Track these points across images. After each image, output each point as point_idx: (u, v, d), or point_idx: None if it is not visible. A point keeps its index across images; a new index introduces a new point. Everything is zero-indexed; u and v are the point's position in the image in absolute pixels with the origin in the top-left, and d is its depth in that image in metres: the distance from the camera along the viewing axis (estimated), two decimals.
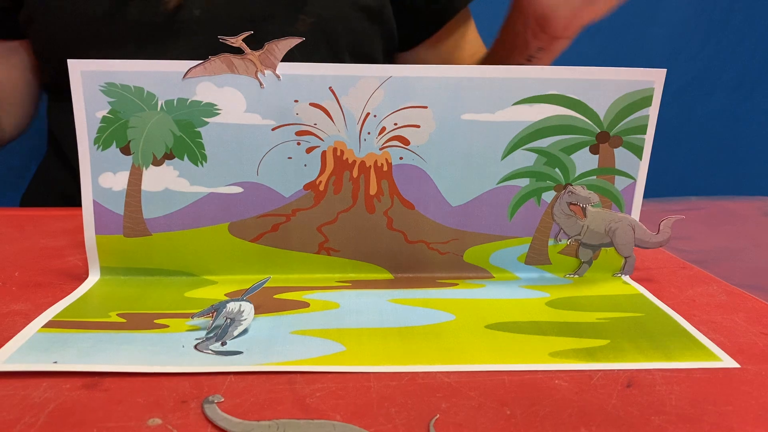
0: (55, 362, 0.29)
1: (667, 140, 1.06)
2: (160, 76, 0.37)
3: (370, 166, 0.40)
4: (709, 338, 0.33)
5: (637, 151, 0.40)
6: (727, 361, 0.31)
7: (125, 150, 0.39)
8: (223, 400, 0.26)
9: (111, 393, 0.27)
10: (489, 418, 0.26)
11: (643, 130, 0.39)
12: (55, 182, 0.71)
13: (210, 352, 0.31)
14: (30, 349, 0.30)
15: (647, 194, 0.42)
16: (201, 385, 0.28)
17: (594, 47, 1.02)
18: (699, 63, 1.07)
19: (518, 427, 0.25)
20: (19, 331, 0.33)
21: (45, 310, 0.35)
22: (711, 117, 1.08)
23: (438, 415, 0.26)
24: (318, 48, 0.61)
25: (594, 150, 0.40)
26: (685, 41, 1.07)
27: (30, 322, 0.34)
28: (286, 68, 0.37)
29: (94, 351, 0.30)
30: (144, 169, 0.39)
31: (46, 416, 0.25)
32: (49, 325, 0.33)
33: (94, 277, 0.40)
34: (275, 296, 0.38)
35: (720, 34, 1.07)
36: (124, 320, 0.34)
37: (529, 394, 0.28)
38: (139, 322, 0.34)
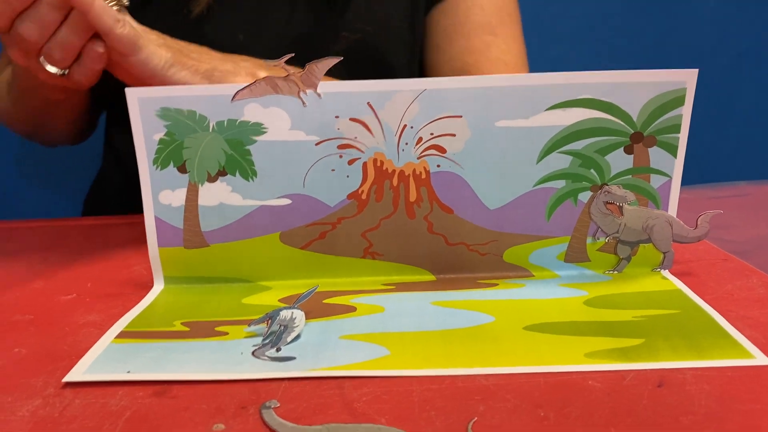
0: (129, 372, 0.32)
1: (716, 121, 1.04)
2: (210, 99, 0.40)
3: (408, 174, 0.42)
4: (744, 335, 0.34)
5: (672, 149, 0.41)
6: (761, 359, 0.32)
7: (182, 169, 0.42)
8: (278, 405, 0.29)
9: (178, 400, 0.30)
10: (523, 421, 0.27)
11: (676, 129, 0.40)
12: (114, 187, 0.76)
13: (266, 358, 0.33)
14: (105, 359, 0.34)
15: (694, 180, 0.42)
16: (258, 391, 0.31)
17: (642, 21, 1.01)
18: (748, 38, 1.04)
19: (550, 429, 0.27)
20: (94, 341, 0.36)
21: (116, 319, 0.39)
22: (762, 93, 1.05)
23: (476, 418, 0.28)
24: (361, 63, 0.63)
25: (628, 150, 0.41)
26: (735, 14, 1.04)
27: (103, 332, 0.37)
28: (326, 87, 0.40)
29: (162, 360, 0.33)
30: (200, 185, 0.42)
31: (123, 423, 0.29)
32: (121, 335, 0.36)
33: (158, 287, 0.44)
34: (324, 301, 0.41)
35: None
36: (188, 329, 0.37)
37: (563, 395, 0.29)
38: (201, 330, 0.37)
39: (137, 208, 0.43)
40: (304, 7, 0.63)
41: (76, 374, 0.32)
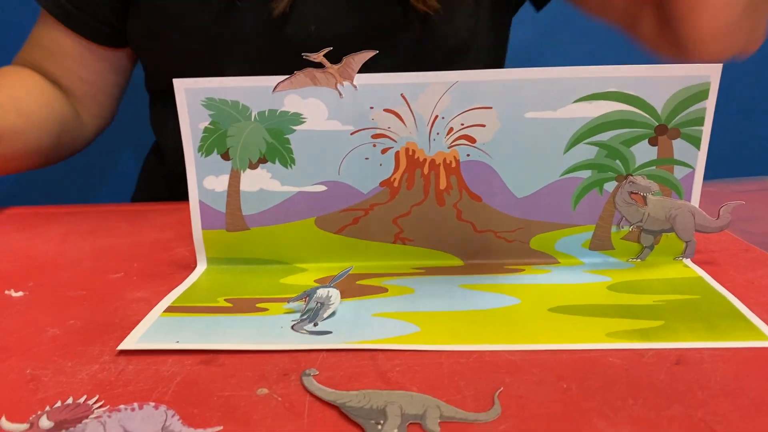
0: (177, 342, 0.35)
1: (741, 116, 1.04)
2: (252, 90, 0.42)
3: (439, 163, 0.43)
4: (761, 319, 0.35)
5: (695, 141, 0.42)
6: None
7: (225, 156, 0.44)
8: (318, 373, 0.31)
9: (224, 368, 0.33)
10: (547, 391, 0.29)
11: (700, 122, 0.41)
12: (158, 176, 0.79)
13: (304, 332, 0.36)
14: (155, 331, 0.36)
15: (719, 174, 0.44)
16: (298, 360, 0.33)
17: None
18: None
19: (573, 399, 0.29)
20: (143, 315, 0.39)
21: (163, 296, 0.41)
22: None
23: (502, 388, 0.30)
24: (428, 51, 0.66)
25: (653, 142, 0.42)
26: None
27: (151, 307, 0.40)
28: (362, 79, 0.42)
29: (208, 332, 0.36)
30: (242, 172, 0.44)
31: (175, 386, 0.31)
32: (169, 310, 0.39)
33: (201, 267, 0.46)
34: (357, 282, 0.43)
35: None
36: (231, 305, 0.40)
37: (584, 370, 0.31)
38: (243, 306, 0.39)
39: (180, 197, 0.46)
40: None
41: (129, 343, 0.35)
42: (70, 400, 0.30)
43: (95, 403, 0.29)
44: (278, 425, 0.27)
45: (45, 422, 0.28)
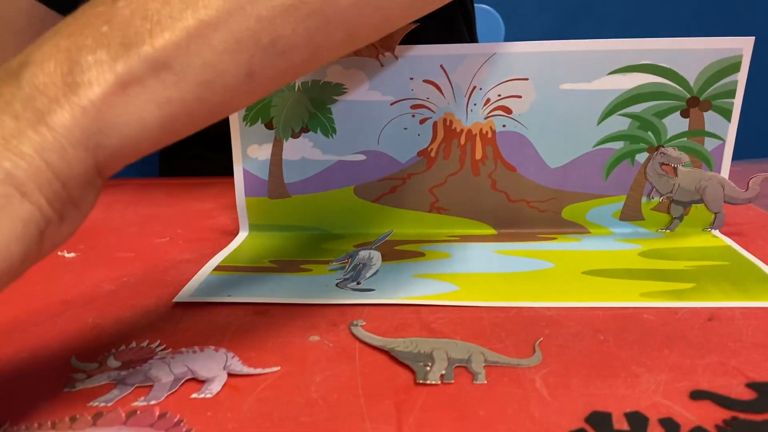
0: (229, 296, 0.37)
1: None
2: None
3: (476, 133, 0.45)
4: None
5: (726, 114, 0.43)
6: None
7: (269, 125, 0.46)
8: (365, 323, 0.33)
9: (276, 318, 0.34)
10: (585, 342, 0.31)
11: (732, 94, 0.42)
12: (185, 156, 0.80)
13: (348, 289, 0.37)
14: (207, 286, 0.38)
15: (747, 155, 0.45)
16: (345, 313, 0.35)
17: None
18: None
19: (610, 349, 0.30)
20: (192, 275, 0.40)
21: (208, 259, 0.43)
22: None
23: (542, 338, 0.31)
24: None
25: (684, 114, 0.43)
26: None
27: (198, 268, 0.42)
28: (402, 50, 0.43)
29: (257, 288, 0.38)
30: (284, 141, 0.46)
31: (230, 334, 0.33)
32: (218, 269, 0.41)
33: (244, 233, 0.48)
34: (395, 248, 0.44)
35: None
36: (276, 265, 0.41)
37: (620, 324, 0.32)
38: (288, 266, 0.41)
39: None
40: None
41: (183, 296, 0.37)
42: (133, 344, 0.32)
43: (158, 346, 0.31)
44: (333, 366, 0.29)
45: (113, 362, 0.30)
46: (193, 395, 0.27)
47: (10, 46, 0.60)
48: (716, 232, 0.45)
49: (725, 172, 0.45)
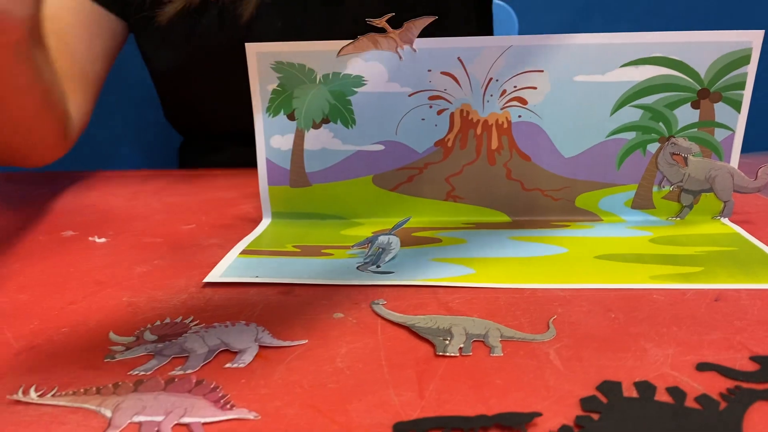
0: (257, 276, 0.38)
1: None
2: (318, 54, 0.46)
3: (492, 124, 0.46)
4: None
5: (736, 105, 0.44)
6: None
7: (291, 116, 0.47)
8: (386, 302, 0.35)
9: (301, 297, 0.36)
10: (597, 320, 0.32)
11: (741, 86, 0.44)
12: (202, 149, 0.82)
13: (369, 272, 0.39)
14: (235, 268, 0.40)
15: (756, 147, 0.46)
16: (366, 293, 0.36)
17: None
18: None
19: (621, 325, 0.32)
20: (219, 258, 0.42)
21: (234, 243, 0.45)
22: None
23: (555, 316, 0.33)
24: None
25: (695, 105, 0.45)
26: None
27: (225, 252, 0.43)
28: (421, 43, 0.45)
29: (282, 270, 0.39)
30: (306, 131, 0.48)
31: (259, 311, 0.35)
32: (244, 252, 0.43)
33: (266, 220, 0.50)
34: (413, 234, 0.46)
35: None
36: (299, 250, 0.43)
37: (631, 304, 0.34)
38: (310, 251, 0.43)
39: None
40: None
41: (213, 277, 0.39)
42: (168, 320, 0.33)
43: (191, 321, 0.33)
44: (356, 340, 0.31)
45: (149, 336, 0.32)
46: (227, 365, 0.29)
47: (62, 39, 0.61)
48: (725, 220, 0.47)
49: (735, 162, 0.46)
